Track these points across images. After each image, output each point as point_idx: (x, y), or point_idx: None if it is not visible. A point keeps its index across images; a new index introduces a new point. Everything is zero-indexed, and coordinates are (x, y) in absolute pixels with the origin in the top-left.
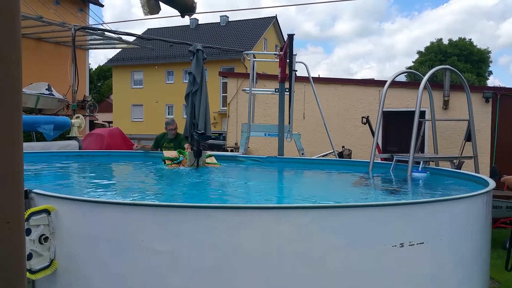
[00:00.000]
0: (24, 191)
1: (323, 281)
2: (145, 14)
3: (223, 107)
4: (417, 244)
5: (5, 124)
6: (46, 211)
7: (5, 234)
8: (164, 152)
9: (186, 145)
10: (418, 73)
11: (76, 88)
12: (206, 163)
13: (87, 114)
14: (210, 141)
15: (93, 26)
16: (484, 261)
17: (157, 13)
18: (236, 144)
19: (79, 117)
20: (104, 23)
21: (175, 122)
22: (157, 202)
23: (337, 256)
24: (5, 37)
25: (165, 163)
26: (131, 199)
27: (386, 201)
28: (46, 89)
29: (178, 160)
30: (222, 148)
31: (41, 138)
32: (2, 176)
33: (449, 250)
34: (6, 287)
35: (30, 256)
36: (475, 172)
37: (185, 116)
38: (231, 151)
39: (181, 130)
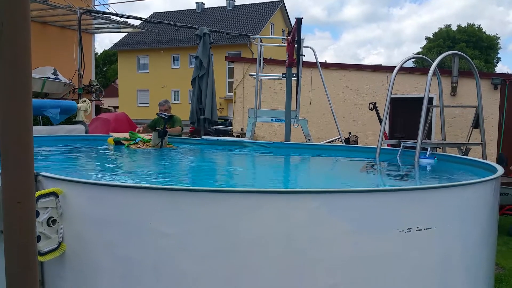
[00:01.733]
0: (34, 174)
1: (332, 265)
2: None
3: (229, 92)
4: (424, 229)
5: (15, 107)
6: (54, 194)
7: (16, 213)
8: (113, 134)
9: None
10: (427, 58)
11: (82, 72)
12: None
13: (93, 98)
14: (216, 127)
15: (98, 10)
16: (491, 247)
17: None
18: (242, 129)
19: (85, 101)
20: (109, 4)
21: (165, 104)
22: (165, 186)
23: (345, 241)
24: (15, 21)
25: (124, 145)
26: (136, 182)
27: (393, 186)
28: (52, 73)
29: (136, 141)
30: (228, 133)
31: (47, 122)
32: (12, 157)
33: (456, 235)
34: (19, 265)
35: (38, 238)
36: (483, 159)
37: (191, 102)
38: (237, 136)
39: (187, 115)
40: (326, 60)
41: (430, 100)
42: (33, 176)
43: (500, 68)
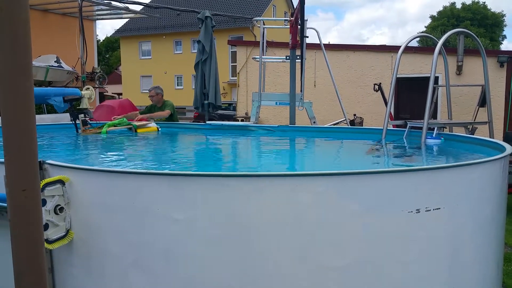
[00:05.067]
0: (38, 161)
1: (341, 247)
2: None
3: (232, 76)
4: (433, 209)
5: (17, 95)
6: (61, 182)
7: (21, 202)
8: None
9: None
10: (432, 37)
11: (85, 60)
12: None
13: (96, 85)
14: (221, 111)
15: None
16: (500, 227)
17: None
18: (246, 113)
19: (89, 88)
20: None
21: (153, 89)
22: (172, 171)
23: (353, 223)
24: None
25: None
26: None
27: (401, 167)
28: (55, 61)
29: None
30: (232, 118)
31: (52, 110)
32: (15, 143)
33: (466, 215)
34: (26, 253)
35: (46, 227)
36: (490, 138)
37: (194, 87)
38: (242, 121)
39: (190, 100)
40: (329, 42)
41: (436, 79)
42: (37, 162)
43: (505, 46)
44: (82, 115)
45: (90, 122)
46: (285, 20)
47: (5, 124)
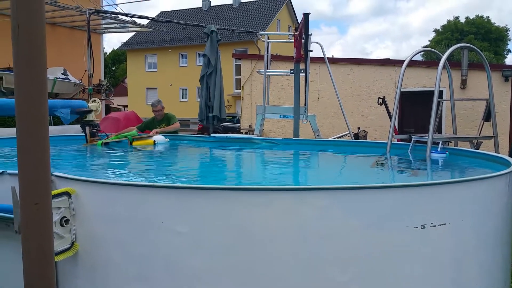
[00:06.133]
0: (50, 176)
1: (345, 262)
2: None
3: (236, 89)
4: (439, 225)
5: (32, 110)
6: (67, 194)
7: (33, 215)
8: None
9: (157, 130)
10: (436, 51)
11: (92, 73)
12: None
13: (102, 98)
14: (225, 124)
15: (107, 10)
16: (506, 243)
17: None
18: (250, 126)
19: (95, 100)
20: (117, 4)
21: (158, 104)
22: (176, 184)
23: (357, 237)
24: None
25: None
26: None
27: (406, 182)
28: (62, 74)
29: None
30: (236, 130)
31: (58, 122)
32: (29, 159)
33: (471, 231)
34: (37, 265)
35: None
36: (495, 152)
37: (199, 99)
38: (246, 133)
39: (194, 112)
40: (333, 55)
41: (440, 93)
42: (50, 177)
43: (510, 60)
44: (90, 127)
45: (98, 133)
46: (289, 34)
47: (19, 139)
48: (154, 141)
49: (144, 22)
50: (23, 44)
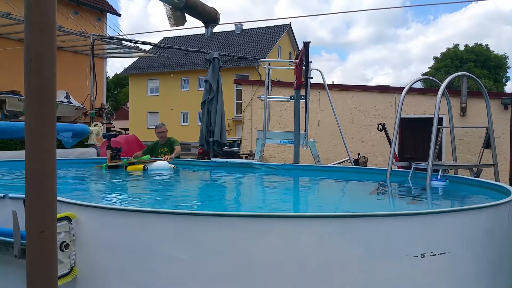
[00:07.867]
0: (56, 204)
1: None
2: (171, 25)
3: (237, 114)
4: (438, 254)
5: (40, 139)
6: (67, 218)
7: (39, 243)
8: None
9: (169, 156)
10: (436, 79)
11: (94, 97)
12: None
13: (104, 121)
14: (225, 148)
15: (110, 35)
16: (507, 272)
17: (183, 24)
18: (251, 151)
19: (97, 124)
20: (123, 34)
21: (163, 126)
22: (176, 210)
23: (357, 266)
24: (45, 53)
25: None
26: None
27: (406, 210)
28: (64, 97)
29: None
30: (237, 155)
31: (59, 145)
32: (37, 186)
33: (471, 260)
34: None
35: None
36: (495, 181)
37: (200, 123)
38: (246, 158)
39: (195, 136)
40: (333, 81)
41: (440, 120)
42: (56, 206)
43: (510, 87)
44: (111, 150)
45: (120, 157)
46: (290, 61)
47: (28, 167)
48: (144, 166)
49: (147, 47)
50: (34, 76)
